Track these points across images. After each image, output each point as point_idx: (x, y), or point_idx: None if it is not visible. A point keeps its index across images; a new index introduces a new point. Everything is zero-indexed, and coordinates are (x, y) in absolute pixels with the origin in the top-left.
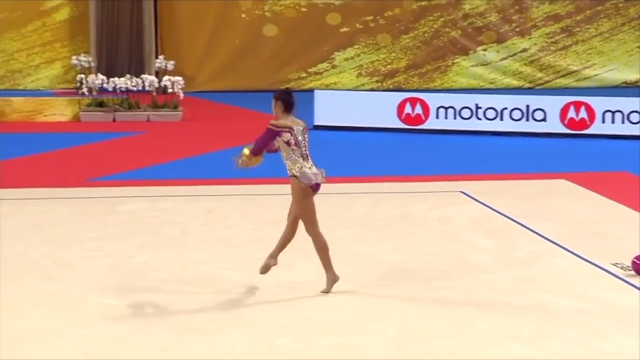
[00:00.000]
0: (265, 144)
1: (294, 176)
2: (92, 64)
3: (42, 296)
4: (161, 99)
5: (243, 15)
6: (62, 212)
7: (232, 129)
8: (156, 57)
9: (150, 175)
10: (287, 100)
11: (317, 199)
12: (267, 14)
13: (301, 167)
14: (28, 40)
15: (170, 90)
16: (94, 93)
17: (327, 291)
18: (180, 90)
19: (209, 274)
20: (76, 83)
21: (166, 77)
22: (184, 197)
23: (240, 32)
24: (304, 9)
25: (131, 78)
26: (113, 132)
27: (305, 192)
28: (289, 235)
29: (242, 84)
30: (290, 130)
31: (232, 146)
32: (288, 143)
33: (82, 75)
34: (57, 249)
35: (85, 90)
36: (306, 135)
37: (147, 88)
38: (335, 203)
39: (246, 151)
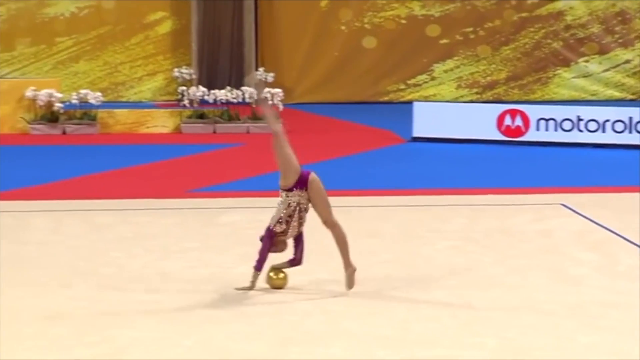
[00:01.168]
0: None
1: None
2: (194, 76)
3: (145, 306)
4: (261, 110)
5: (342, 28)
6: (163, 223)
7: (331, 140)
8: (256, 69)
9: (250, 186)
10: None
11: (416, 211)
12: (366, 26)
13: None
14: (131, 53)
15: (270, 102)
16: (195, 105)
17: (350, 287)
18: (279, 102)
19: (308, 285)
20: (178, 95)
21: (266, 89)
22: None
23: (340, 44)
24: (403, 21)
25: (231, 90)
26: (213, 143)
27: (318, 182)
28: (340, 237)
29: (341, 96)
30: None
31: (330, 158)
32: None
33: (184, 88)
34: (159, 259)
35: (186, 102)
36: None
37: (247, 100)
38: (435, 215)
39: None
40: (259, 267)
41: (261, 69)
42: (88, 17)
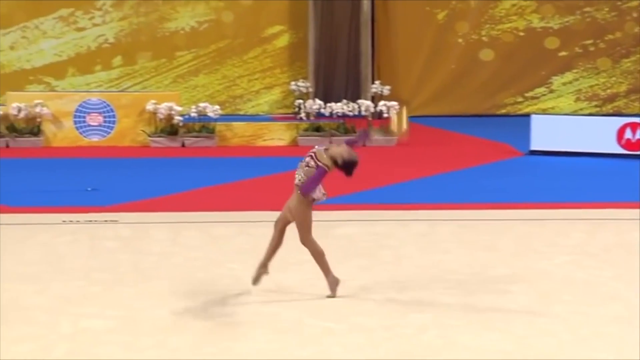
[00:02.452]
0: (318, 182)
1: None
2: (310, 90)
3: (262, 317)
4: (377, 123)
5: (459, 40)
6: None
7: (447, 153)
8: (372, 83)
9: (366, 199)
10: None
11: (533, 225)
12: (483, 38)
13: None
14: (249, 67)
15: (385, 115)
16: (312, 118)
17: (332, 295)
18: (395, 115)
19: (423, 298)
20: (294, 108)
21: (382, 102)
22: (398, 222)
23: (456, 56)
24: (521, 33)
25: (347, 103)
26: None
27: (308, 203)
28: (277, 242)
29: (457, 109)
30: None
31: (447, 171)
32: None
33: (301, 101)
34: (276, 272)
35: (303, 115)
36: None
37: (363, 113)
38: (552, 229)
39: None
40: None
41: (377, 82)
42: (207, 31)
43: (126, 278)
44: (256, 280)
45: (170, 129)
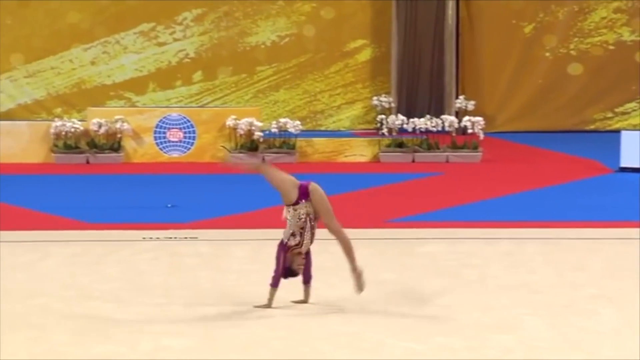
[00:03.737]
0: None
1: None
2: (392, 105)
3: (343, 338)
4: (460, 139)
5: (547, 54)
6: (360, 252)
7: (534, 170)
8: (456, 97)
9: (449, 216)
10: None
11: (624, 244)
12: (572, 52)
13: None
14: (331, 82)
15: (470, 131)
16: (394, 133)
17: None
18: (480, 131)
19: (508, 319)
20: (376, 123)
21: (466, 118)
22: (483, 240)
23: (544, 71)
24: (611, 47)
25: (431, 119)
26: (412, 172)
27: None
28: (345, 241)
29: (544, 124)
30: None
31: (534, 188)
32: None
33: (383, 116)
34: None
35: (385, 130)
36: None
37: (446, 128)
38: None
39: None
40: (274, 283)
41: (461, 97)
42: (289, 46)
43: (206, 296)
44: (361, 286)
45: (251, 145)
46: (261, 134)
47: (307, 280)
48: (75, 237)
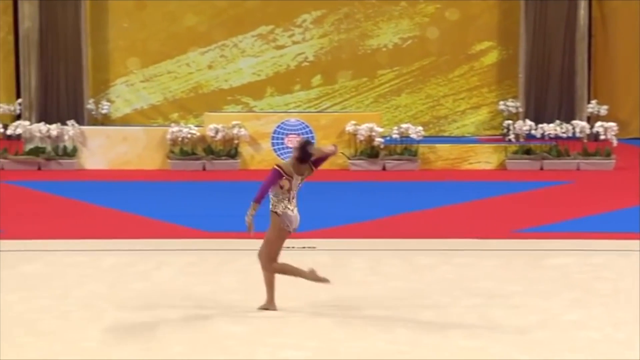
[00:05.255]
0: (270, 184)
1: (276, 213)
2: (520, 110)
3: (466, 352)
4: (592, 146)
5: None
6: (486, 264)
7: None
8: (588, 102)
9: (580, 227)
10: (304, 152)
11: None
12: None
13: (285, 207)
14: (455, 86)
15: (602, 137)
16: (521, 140)
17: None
18: (613, 137)
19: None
20: (502, 129)
21: (598, 123)
22: (616, 252)
23: None
24: None
25: (561, 124)
26: (540, 180)
27: (282, 232)
28: (293, 270)
29: None
30: (290, 178)
31: None
32: (282, 187)
33: (510, 121)
34: (481, 304)
35: (512, 136)
36: (302, 183)
37: (577, 135)
38: None
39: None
40: (258, 198)
41: (594, 102)
42: (411, 48)
43: (324, 307)
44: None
45: (371, 152)
46: (382, 140)
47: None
48: (191, 245)
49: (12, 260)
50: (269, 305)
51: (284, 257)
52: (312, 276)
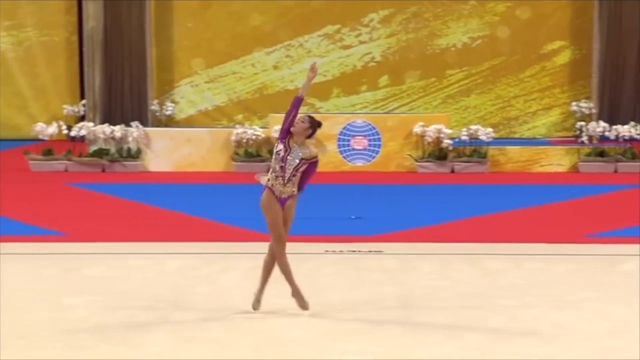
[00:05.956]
0: (290, 114)
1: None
2: (593, 111)
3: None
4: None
5: None
6: (558, 270)
7: None
8: None
9: None
10: (314, 129)
11: None
12: None
13: (269, 179)
14: (526, 86)
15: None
16: (595, 142)
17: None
18: None
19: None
20: (575, 131)
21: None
22: None
23: None
24: None
25: (635, 125)
26: (614, 184)
27: (272, 206)
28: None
29: None
30: (286, 143)
31: None
32: (278, 153)
33: (582, 123)
34: (552, 310)
35: (585, 138)
36: (301, 165)
37: None
38: None
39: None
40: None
41: None
42: (481, 48)
43: (391, 312)
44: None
45: (439, 154)
46: (450, 141)
47: (300, 187)
48: (257, 249)
49: (76, 263)
50: (296, 295)
51: (346, 260)
52: (297, 294)
